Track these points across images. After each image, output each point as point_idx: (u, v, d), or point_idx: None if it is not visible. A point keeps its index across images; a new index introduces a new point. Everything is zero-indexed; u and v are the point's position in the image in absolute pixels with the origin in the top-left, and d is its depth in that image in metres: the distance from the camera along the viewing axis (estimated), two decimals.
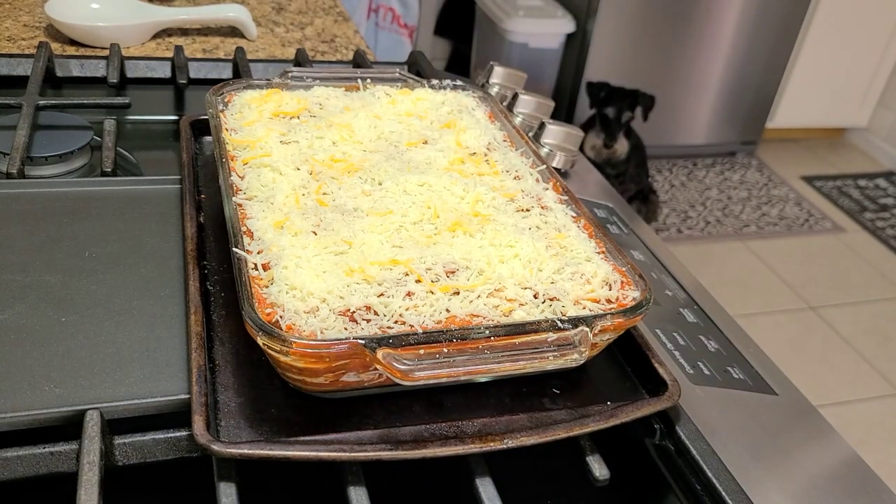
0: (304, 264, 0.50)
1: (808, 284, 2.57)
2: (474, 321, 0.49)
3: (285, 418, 0.49)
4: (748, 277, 2.57)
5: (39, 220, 0.63)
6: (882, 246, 2.83)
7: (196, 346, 0.50)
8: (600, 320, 0.49)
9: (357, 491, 0.46)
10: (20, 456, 0.45)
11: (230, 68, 1.00)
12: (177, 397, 0.49)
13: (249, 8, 1.17)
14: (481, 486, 0.48)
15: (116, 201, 0.67)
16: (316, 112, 0.70)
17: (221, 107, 0.69)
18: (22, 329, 0.52)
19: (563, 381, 0.55)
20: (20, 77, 0.91)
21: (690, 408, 0.56)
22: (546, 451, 0.51)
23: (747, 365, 0.64)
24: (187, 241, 0.59)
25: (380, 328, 0.47)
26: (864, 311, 2.48)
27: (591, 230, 0.60)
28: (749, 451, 0.55)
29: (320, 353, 0.45)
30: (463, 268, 0.53)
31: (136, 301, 0.56)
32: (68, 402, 0.48)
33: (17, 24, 1.06)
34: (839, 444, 0.59)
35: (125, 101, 0.84)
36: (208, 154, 0.76)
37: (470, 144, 0.69)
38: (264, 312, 0.47)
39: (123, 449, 0.47)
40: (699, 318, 0.68)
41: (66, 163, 0.76)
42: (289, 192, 0.58)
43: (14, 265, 0.58)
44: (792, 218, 2.93)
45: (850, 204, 3.06)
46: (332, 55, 1.12)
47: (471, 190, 0.62)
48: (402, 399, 0.52)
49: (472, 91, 0.78)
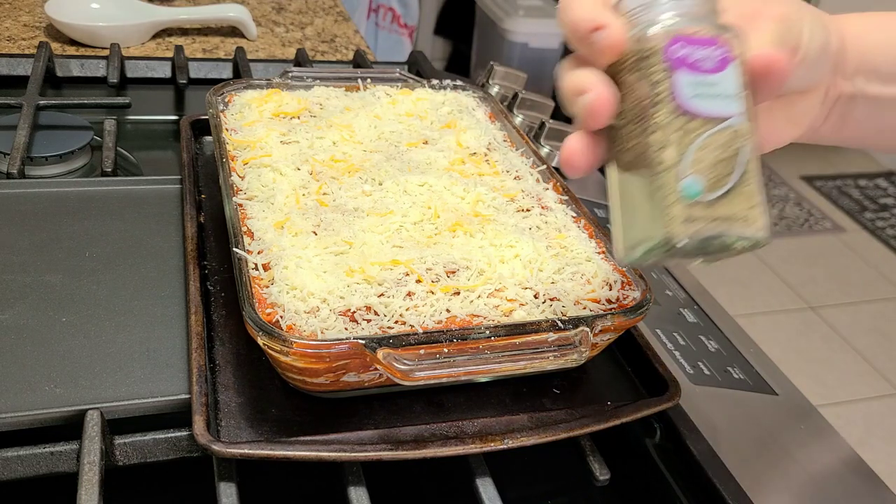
0: (304, 264, 0.51)
1: (808, 284, 2.57)
2: (475, 321, 0.49)
3: (286, 418, 0.49)
4: (748, 277, 2.57)
5: (40, 220, 0.63)
6: (882, 246, 2.83)
7: (196, 346, 0.50)
8: (601, 320, 0.49)
9: (357, 491, 0.46)
10: (20, 456, 0.45)
11: (230, 68, 1.00)
12: (177, 397, 0.49)
13: (249, 8, 1.17)
14: (482, 486, 0.48)
15: (117, 201, 0.67)
16: (316, 112, 0.70)
17: (222, 107, 0.69)
18: (22, 329, 0.52)
19: (564, 381, 0.55)
20: (20, 77, 0.91)
21: (691, 408, 0.56)
22: (546, 452, 0.51)
23: (747, 365, 0.64)
24: (188, 241, 0.59)
25: (380, 328, 0.47)
26: (864, 311, 2.48)
27: (592, 230, 0.60)
28: (749, 451, 0.56)
29: (321, 354, 0.45)
30: (463, 268, 0.53)
31: (136, 301, 0.56)
32: (69, 402, 0.48)
33: (17, 24, 1.06)
34: (839, 444, 0.59)
35: (125, 101, 0.84)
36: (208, 154, 0.76)
37: (470, 144, 0.69)
38: (265, 312, 0.47)
39: (124, 449, 0.47)
40: (699, 318, 0.69)
41: (66, 163, 0.76)
42: (289, 193, 0.58)
43: (14, 265, 0.58)
44: (792, 218, 2.93)
45: (850, 204, 3.06)
46: (333, 55, 1.12)
47: (471, 190, 0.62)
48: (403, 399, 0.52)
49: (473, 91, 0.78)
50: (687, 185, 0.34)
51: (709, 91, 0.35)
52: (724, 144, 0.35)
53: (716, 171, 0.35)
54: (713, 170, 0.35)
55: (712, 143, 0.35)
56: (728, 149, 0.35)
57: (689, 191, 0.34)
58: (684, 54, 0.35)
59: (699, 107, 0.35)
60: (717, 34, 0.36)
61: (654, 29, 0.35)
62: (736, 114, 0.35)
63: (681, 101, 0.35)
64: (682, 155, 0.34)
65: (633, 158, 0.37)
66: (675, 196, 0.34)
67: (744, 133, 0.35)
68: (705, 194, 0.34)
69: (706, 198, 0.34)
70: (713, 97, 0.35)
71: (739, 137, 0.35)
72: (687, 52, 0.35)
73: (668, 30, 0.35)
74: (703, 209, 0.34)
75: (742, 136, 0.35)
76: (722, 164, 0.35)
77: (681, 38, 0.35)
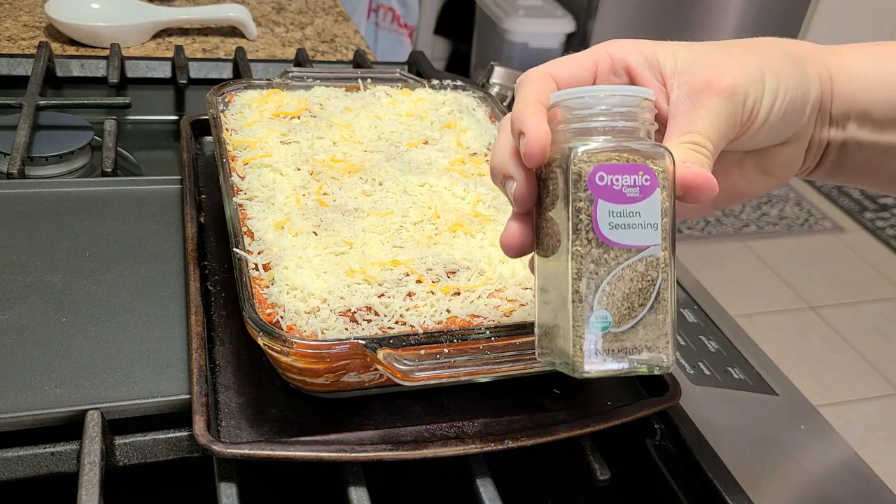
0: (304, 265, 0.51)
1: (808, 284, 2.57)
2: (475, 322, 0.49)
3: (286, 418, 0.49)
4: (748, 277, 2.57)
5: (40, 220, 0.63)
6: (882, 246, 2.83)
7: (197, 347, 0.50)
8: None
9: (358, 491, 0.46)
10: (21, 456, 0.45)
11: (230, 68, 1.00)
12: (177, 397, 0.49)
13: (249, 8, 1.17)
14: (482, 486, 0.48)
15: (117, 201, 0.67)
16: (316, 112, 0.70)
17: (222, 107, 0.69)
18: (23, 329, 0.52)
19: (564, 381, 0.55)
20: (20, 77, 0.91)
21: (691, 408, 0.56)
22: (547, 452, 0.51)
23: (747, 365, 0.64)
24: (188, 241, 0.59)
25: (380, 329, 0.47)
26: (864, 311, 2.48)
27: None
28: (749, 451, 0.56)
29: (321, 354, 0.45)
30: (463, 268, 0.53)
31: (136, 301, 0.56)
32: (69, 402, 0.48)
33: (17, 24, 1.06)
34: (839, 444, 0.59)
35: (125, 101, 0.84)
36: (209, 154, 0.76)
37: (470, 145, 0.69)
38: (265, 313, 0.47)
39: (124, 449, 0.47)
40: (699, 318, 0.69)
41: (66, 163, 0.76)
42: (289, 193, 0.58)
43: (14, 265, 0.58)
44: (792, 218, 2.93)
45: (850, 204, 3.06)
46: (333, 55, 1.12)
47: (471, 190, 0.62)
48: (403, 399, 0.52)
49: (473, 91, 0.78)
50: (596, 319, 0.36)
51: (629, 221, 0.35)
52: (639, 275, 0.36)
53: (627, 303, 0.36)
54: (624, 303, 0.36)
55: (626, 274, 0.36)
56: (642, 279, 0.36)
57: (598, 325, 0.36)
58: (607, 184, 0.35)
59: (617, 238, 0.35)
60: (643, 160, 0.35)
61: (581, 151, 0.35)
62: (653, 244, 0.36)
63: (599, 232, 0.35)
64: (595, 288, 0.35)
65: (553, 270, 0.37)
66: (584, 328, 0.36)
67: (659, 263, 0.36)
68: (614, 327, 0.36)
69: (615, 329, 0.36)
70: (632, 227, 0.35)
71: (654, 268, 0.36)
72: (609, 182, 0.35)
73: (595, 156, 0.35)
74: (610, 341, 0.36)
75: (657, 267, 0.36)
76: (634, 296, 0.36)
77: (605, 167, 0.35)
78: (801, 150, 0.42)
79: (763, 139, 0.40)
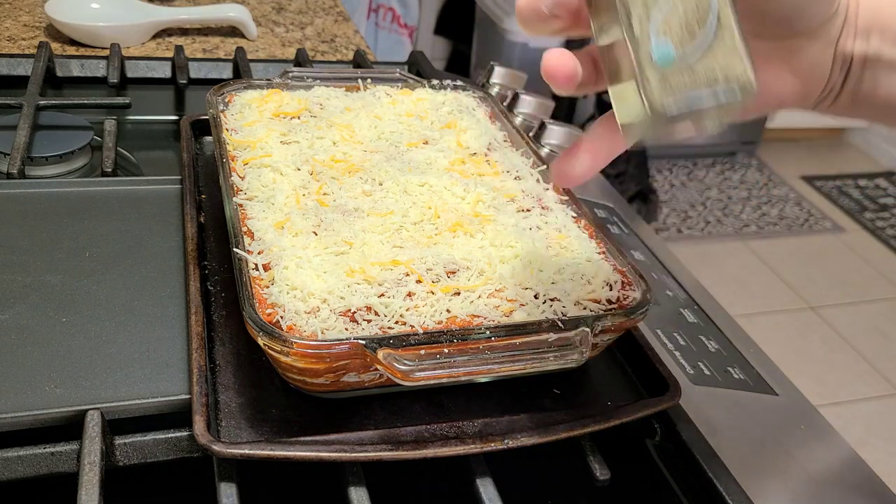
0: (304, 265, 0.51)
1: (808, 284, 2.57)
2: (475, 322, 0.49)
3: (286, 418, 0.49)
4: (748, 277, 2.57)
5: (40, 220, 0.63)
6: (882, 246, 2.83)
7: (197, 347, 0.50)
8: (601, 321, 0.49)
9: (358, 491, 0.46)
10: (21, 456, 0.45)
11: (230, 68, 1.00)
12: (177, 397, 0.49)
13: (249, 8, 1.17)
14: (482, 486, 0.48)
15: (117, 201, 0.67)
16: (316, 112, 0.70)
17: (222, 107, 0.69)
18: (23, 329, 0.52)
19: (564, 381, 0.55)
20: (20, 77, 0.91)
21: (691, 408, 0.56)
22: (547, 452, 0.51)
23: (747, 365, 0.64)
24: (188, 241, 0.59)
25: (380, 329, 0.47)
26: (864, 311, 2.48)
27: (592, 230, 0.60)
28: (749, 451, 0.56)
29: (321, 354, 0.45)
30: (463, 268, 0.53)
31: (136, 301, 0.56)
32: (69, 402, 0.48)
33: (17, 24, 1.06)
34: (839, 444, 0.59)
35: (125, 101, 0.84)
36: (209, 154, 0.76)
37: (470, 145, 0.69)
38: (265, 313, 0.47)
39: (124, 449, 0.47)
40: (699, 318, 0.69)
41: (66, 163, 0.76)
42: (289, 193, 0.58)
43: (14, 265, 0.58)
44: (792, 218, 2.93)
45: (850, 204, 3.06)
46: (333, 55, 1.12)
47: (471, 190, 0.62)
48: (403, 399, 0.52)
49: (473, 91, 0.78)
50: (659, 53, 0.33)
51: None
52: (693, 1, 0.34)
53: (687, 30, 0.34)
54: (683, 31, 0.34)
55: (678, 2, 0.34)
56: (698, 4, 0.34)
57: (662, 58, 0.33)
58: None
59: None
60: None
61: None
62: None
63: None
64: (648, 22, 0.33)
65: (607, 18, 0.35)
66: (651, 66, 0.33)
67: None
68: (679, 57, 0.33)
69: (683, 60, 0.34)
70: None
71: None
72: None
73: None
74: (680, 72, 0.33)
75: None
76: (693, 23, 0.34)
77: None
78: (827, 51, 0.41)
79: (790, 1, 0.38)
